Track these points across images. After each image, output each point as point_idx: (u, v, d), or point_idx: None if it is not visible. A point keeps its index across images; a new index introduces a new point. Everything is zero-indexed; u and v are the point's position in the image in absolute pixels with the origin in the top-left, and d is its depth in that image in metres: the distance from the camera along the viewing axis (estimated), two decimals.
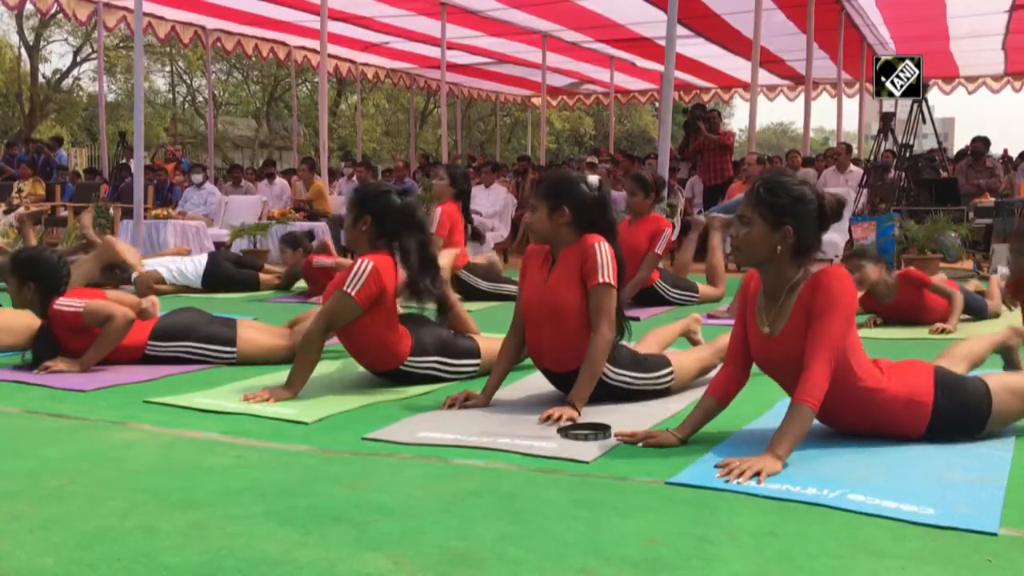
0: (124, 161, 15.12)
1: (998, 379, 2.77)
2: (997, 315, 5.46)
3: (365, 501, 2.20)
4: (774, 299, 2.65)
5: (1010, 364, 3.36)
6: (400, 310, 3.63)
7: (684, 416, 3.09)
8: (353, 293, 3.34)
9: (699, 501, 2.20)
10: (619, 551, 1.89)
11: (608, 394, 3.24)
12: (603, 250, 3.13)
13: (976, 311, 5.38)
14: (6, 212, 8.89)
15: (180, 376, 3.81)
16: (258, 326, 4.33)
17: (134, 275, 6.65)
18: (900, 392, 2.64)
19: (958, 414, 2.68)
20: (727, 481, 2.32)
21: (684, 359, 3.45)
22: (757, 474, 2.33)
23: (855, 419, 2.67)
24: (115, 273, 6.56)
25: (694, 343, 3.89)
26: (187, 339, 4.01)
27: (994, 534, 1.98)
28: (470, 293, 6.43)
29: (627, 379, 3.26)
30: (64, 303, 3.84)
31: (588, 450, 2.62)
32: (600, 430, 2.77)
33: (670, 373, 3.35)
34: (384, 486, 2.32)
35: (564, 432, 2.78)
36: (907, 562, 1.84)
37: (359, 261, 3.41)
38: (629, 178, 6.47)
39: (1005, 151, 15.61)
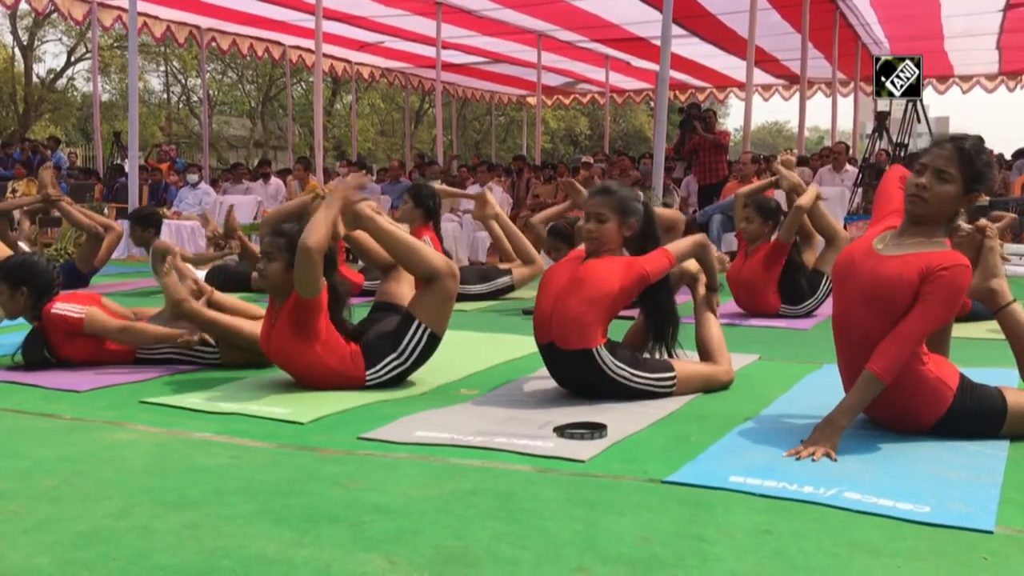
0: (119, 161, 15.10)
1: (1017, 396, 2.76)
2: None
3: (361, 501, 2.20)
4: (903, 238, 2.68)
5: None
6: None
7: (679, 415, 3.10)
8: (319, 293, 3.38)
9: (695, 500, 2.20)
10: (615, 550, 1.89)
11: (608, 387, 3.24)
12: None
13: (985, 314, 5.39)
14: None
15: (174, 377, 3.80)
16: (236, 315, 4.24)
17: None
18: (933, 369, 2.66)
19: (971, 416, 2.69)
20: (798, 459, 2.45)
21: (690, 369, 3.41)
22: (827, 454, 2.47)
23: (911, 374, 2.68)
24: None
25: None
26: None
27: (990, 532, 1.98)
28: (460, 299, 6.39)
29: (626, 375, 3.25)
30: (64, 308, 3.85)
31: (584, 449, 2.62)
32: (596, 429, 2.77)
33: (672, 378, 3.32)
34: (380, 486, 2.32)
35: (560, 431, 2.78)
36: (903, 560, 1.84)
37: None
38: (550, 235, 6.03)
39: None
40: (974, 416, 2.69)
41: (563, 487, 2.31)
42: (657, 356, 3.42)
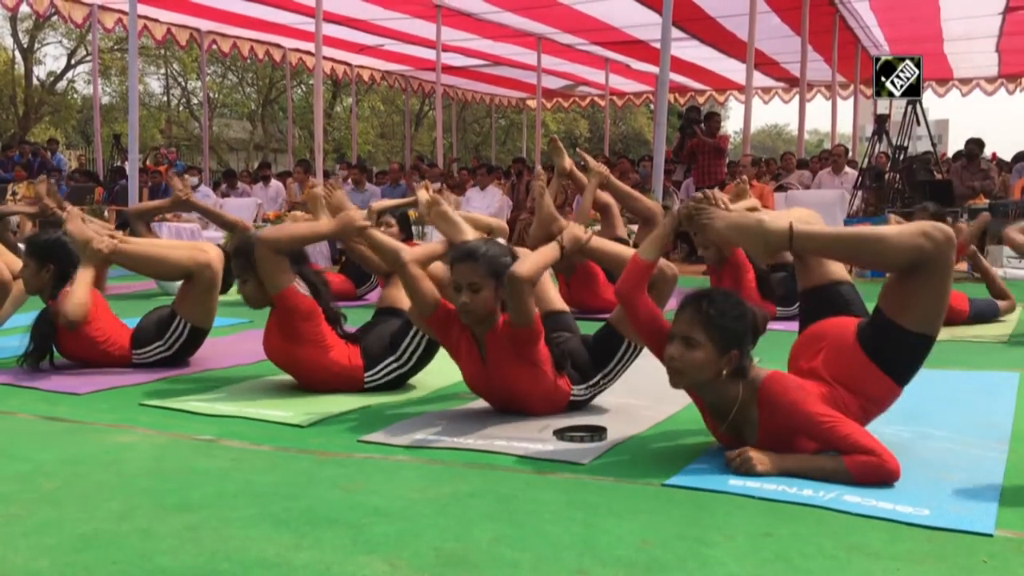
0: (119, 163, 15.10)
1: (888, 303, 2.54)
2: (1012, 308, 5.54)
3: (360, 503, 2.20)
4: (723, 417, 2.52)
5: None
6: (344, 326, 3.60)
7: (679, 418, 3.10)
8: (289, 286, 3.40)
9: (695, 503, 2.20)
10: (615, 552, 1.89)
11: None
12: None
13: (988, 315, 5.36)
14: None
15: (174, 379, 3.81)
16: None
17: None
18: (863, 399, 2.53)
19: (903, 357, 2.54)
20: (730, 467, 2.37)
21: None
22: (750, 468, 2.35)
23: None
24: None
25: None
26: (160, 338, 4.00)
27: (989, 535, 1.98)
28: None
29: (599, 381, 3.17)
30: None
31: (584, 452, 2.62)
32: (596, 432, 2.77)
33: (631, 346, 3.16)
34: (380, 488, 2.32)
35: (560, 434, 2.78)
36: (902, 563, 1.84)
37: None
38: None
39: (994, 154, 15.67)
40: (904, 356, 2.54)
41: (563, 490, 2.31)
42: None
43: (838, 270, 2.82)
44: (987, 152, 11.86)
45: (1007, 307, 5.53)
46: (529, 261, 2.98)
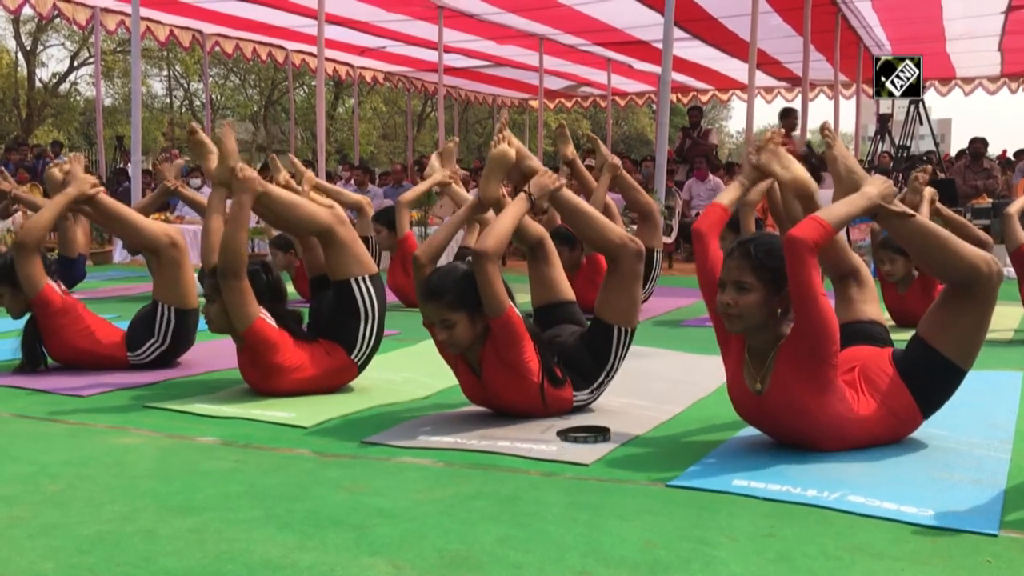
0: (121, 165, 15.13)
1: (926, 327, 2.64)
2: None
3: (364, 505, 2.20)
4: (762, 358, 2.57)
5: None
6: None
7: (683, 418, 3.11)
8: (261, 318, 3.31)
9: (699, 503, 2.20)
10: (618, 553, 1.89)
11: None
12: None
13: None
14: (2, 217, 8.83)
15: (177, 380, 3.81)
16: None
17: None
18: (883, 409, 2.59)
19: (932, 383, 2.62)
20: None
21: (621, 305, 3.10)
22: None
23: (863, 443, 2.62)
24: None
25: None
26: (151, 333, 3.98)
27: (994, 535, 1.98)
28: None
29: (600, 379, 3.13)
30: (53, 289, 3.90)
31: (588, 453, 2.62)
32: (599, 433, 2.77)
33: (622, 331, 3.10)
34: (383, 489, 2.32)
35: (564, 435, 2.78)
36: (906, 563, 1.84)
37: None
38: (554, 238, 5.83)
39: (1003, 152, 15.65)
40: (932, 379, 2.61)
41: (567, 491, 2.31)
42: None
43: (874, 310, 2.92)
44: (996, 151, 11.83)
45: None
46: (493, 231, 2.90)
